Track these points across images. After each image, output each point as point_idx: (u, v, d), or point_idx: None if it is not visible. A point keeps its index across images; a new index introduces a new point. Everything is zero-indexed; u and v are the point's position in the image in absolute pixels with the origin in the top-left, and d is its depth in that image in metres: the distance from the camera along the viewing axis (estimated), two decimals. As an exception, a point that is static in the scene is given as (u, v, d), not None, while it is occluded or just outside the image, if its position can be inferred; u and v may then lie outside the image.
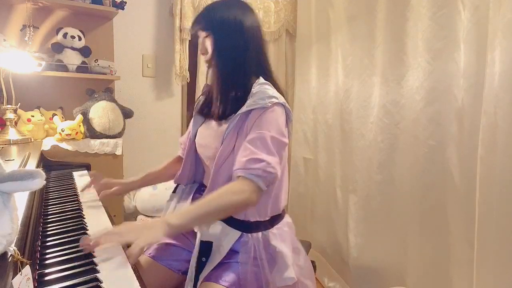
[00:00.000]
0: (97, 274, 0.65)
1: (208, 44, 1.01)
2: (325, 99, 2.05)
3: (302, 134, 2.27)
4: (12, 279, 0.50)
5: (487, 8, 1.06)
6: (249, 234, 0.96)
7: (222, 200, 0.87)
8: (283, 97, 1.00)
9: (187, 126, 1.21)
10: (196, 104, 1.17)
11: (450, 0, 1.23)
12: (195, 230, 1.03)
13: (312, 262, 1.18)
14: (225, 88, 1.01)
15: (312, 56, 2.17)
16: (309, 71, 2.21)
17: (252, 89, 0.97)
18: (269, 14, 2.34)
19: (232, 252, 0.96)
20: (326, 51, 2.02)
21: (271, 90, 0.96)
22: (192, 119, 1.15)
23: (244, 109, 0.95)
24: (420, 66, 1.36)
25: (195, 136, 1.11)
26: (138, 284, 0.64)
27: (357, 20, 1.75)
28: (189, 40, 2.17)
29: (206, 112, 1.10)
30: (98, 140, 1.78)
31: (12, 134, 1.54)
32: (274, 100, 0.94)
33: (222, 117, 1.02)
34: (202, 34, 1.02)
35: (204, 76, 1.38)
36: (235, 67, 1.00)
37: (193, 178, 1.14)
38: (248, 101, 0.95)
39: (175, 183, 1.16)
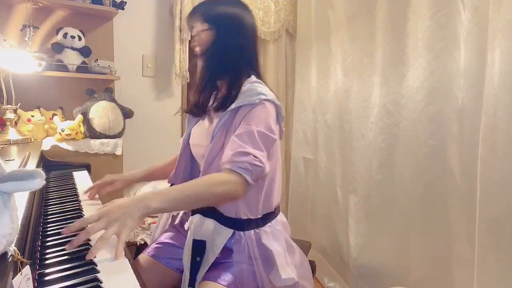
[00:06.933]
0: (97, 274, 0.65)
1: (206, 37, 1.01)
2: (325, 99, 2.05)
3: (302, 134, 2.27)
4: (12, 279, 0.49)
5: (487, 8, 1.06)
6: (241, 232, 0.96)
7: (207, 189, 0.85)
8: (274, 95, 1.00)
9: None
10: (188, 102, 1.17)
11: (450, 0, 1.23)
12: (185, 228, 1.03)
13: (312, 262, 1.18)
14: (213, 82, 1.02)
15: (312, 56, 2.17)
16: (309, 71, 2.21)
17: (242, 87, 0.98)
18: (269, 14, 2.33)
19: (227, 251, 0.96)
20: (326, 51, 2.02)
21: (261, 88, 0.96)
22: (187, 119, 1.15)
23: (233, 106, 0.95)
24: (421, 66, 1.36)
25: (189, 136, 1.11)
26: (138, 284, 0.64)
27: (357, 20, 1.75)
28: (189, 40, 2.17)
29: (196, 113, 1.10)
30: (98, 140, 1.78)
31: (12, 134, 1.54)
32: (263, 96, 0.94)
33: (218, 108, 1.01)
34: (201, 26, 1.01)
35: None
36: (229, 63, 1.00)
37: (190, 178, 1.13)
38: (237, 99, 0.96)
39: (168, 183, 1.15)
